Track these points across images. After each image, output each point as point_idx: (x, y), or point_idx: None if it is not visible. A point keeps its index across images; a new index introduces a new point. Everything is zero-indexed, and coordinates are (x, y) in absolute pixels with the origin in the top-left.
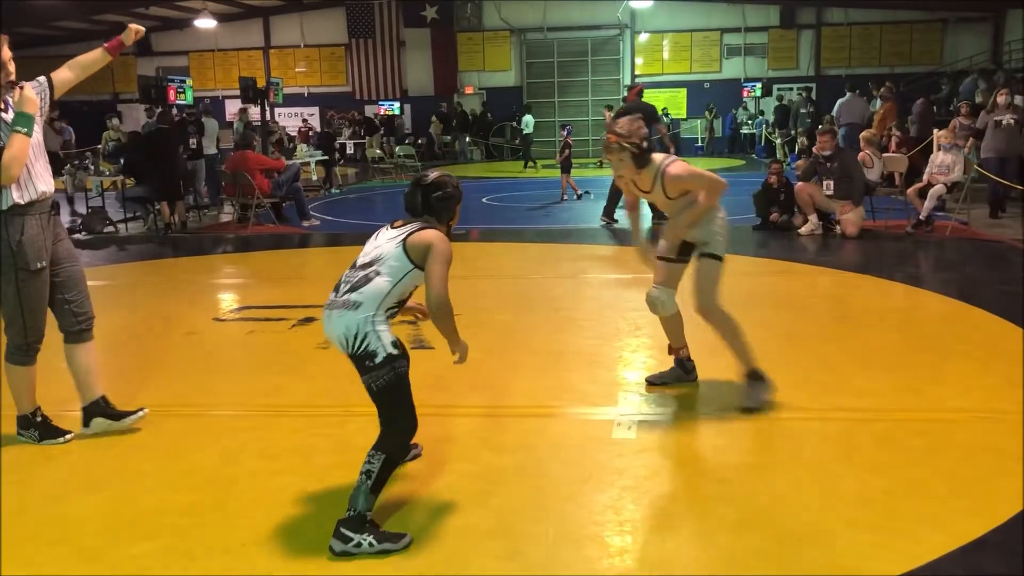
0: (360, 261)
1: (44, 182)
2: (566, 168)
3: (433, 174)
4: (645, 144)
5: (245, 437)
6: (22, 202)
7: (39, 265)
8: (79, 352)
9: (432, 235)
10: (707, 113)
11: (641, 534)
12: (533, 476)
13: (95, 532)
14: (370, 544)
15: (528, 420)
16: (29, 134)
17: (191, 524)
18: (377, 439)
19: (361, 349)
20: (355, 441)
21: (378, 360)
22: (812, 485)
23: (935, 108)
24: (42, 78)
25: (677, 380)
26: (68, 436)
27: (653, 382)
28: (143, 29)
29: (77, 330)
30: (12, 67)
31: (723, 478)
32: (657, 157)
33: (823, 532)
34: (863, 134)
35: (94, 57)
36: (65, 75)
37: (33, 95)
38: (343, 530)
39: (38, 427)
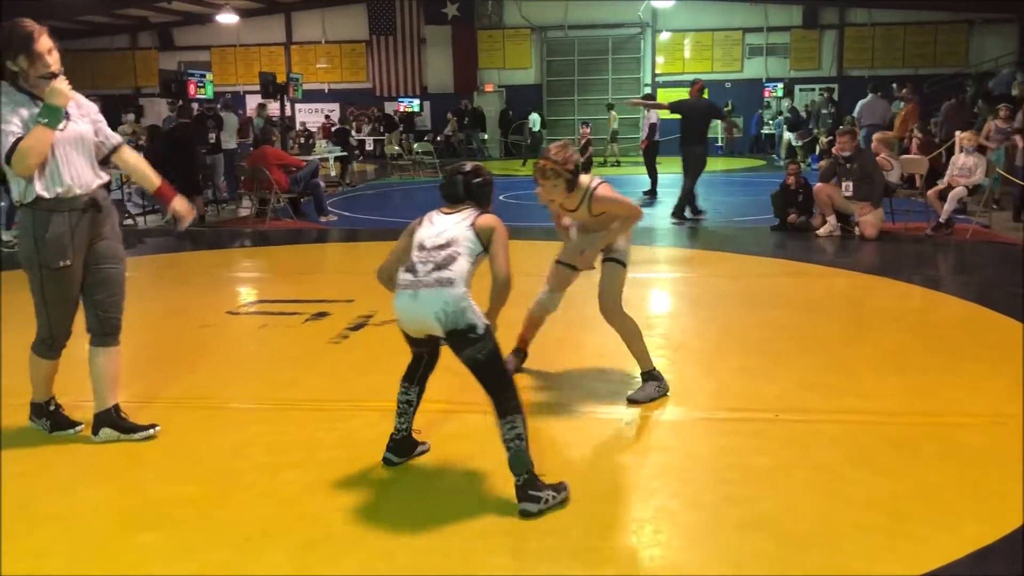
0: (431, 243)
1: (75, 178)
2: (586, 167)
3: (469, 164)
4: (576, 168)
5: (253, 430)
6: (46, 195)
7: (61, 264)
8: (100, 356)
9: (494, 219)
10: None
11: (645, 534)
12: (540, 474)
13: (100, 523)
14: (552, 497)
15: (535, 417)
16: (51, 126)
17: (196, 516)
18: (501, 407)
19: (463, 324)
20: (362, 436)
21: (479, 332)
22: (819, 487)
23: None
24: (117, 138)
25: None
26: (78, 428)
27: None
28: (189, 220)
29: (100, 333)
30: (51, 59)
31: (729, 479)
32: (584, 179)
33: (829, 535)
34: (877, 135)
35: (149, 178)
36: (126, 155)
37: (63, 88)
38: (531, 492)
39: (50, 417)
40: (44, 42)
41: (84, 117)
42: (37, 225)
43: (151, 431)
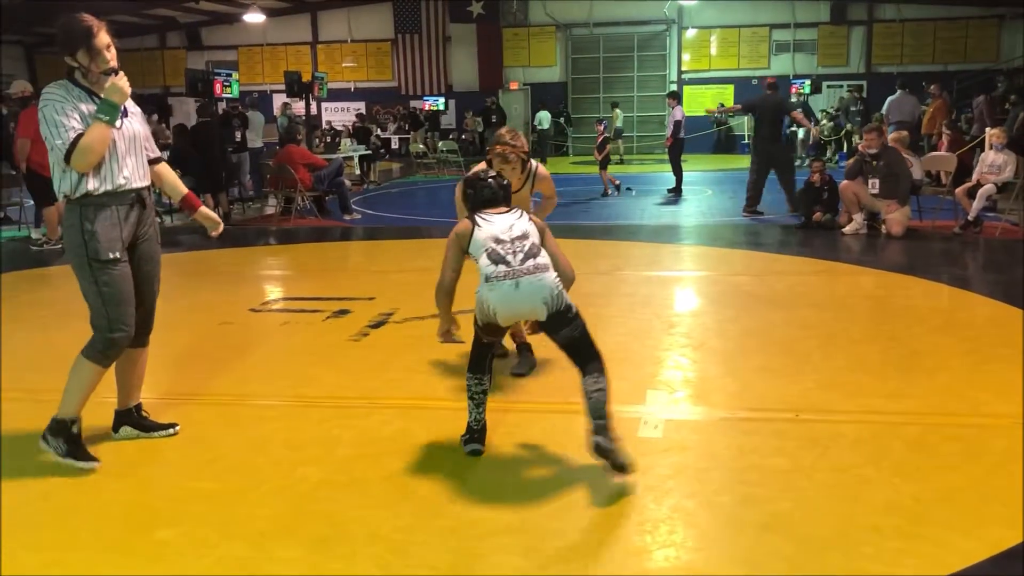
0: (508, 236)
1: (128, 177)
2: (604, 164)
3: (492, 170)
4: (529, 151)
5: (271, 427)
6: (96, 192)
7: (111, 255)
8: (129, 357)
9: (538, 218)
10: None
11: (661, 534)
12: (554, 472)
13: (117, 518)
14: (620, 450)
15: (553, 416)
16: (111, 123)
17: (212, 512)
18: (594, 367)
19: (562, 305)
20: (379, 433)
21: (574, 310)
22: (839, 489)
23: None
24: (157, 152)
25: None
26: (95, 464)
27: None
28: (220, 227)
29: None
30: (109, 55)
31: (747, 480)
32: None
33: (847, 537)
34: (892, 135)
35: (179, 190)
36: (163, 169)
37: (123, 84)
38: (609, 433)
39: (69, 441)
40: (103, 37)
41: (135, 116)
42: (84, 219)
43: (171, 430)
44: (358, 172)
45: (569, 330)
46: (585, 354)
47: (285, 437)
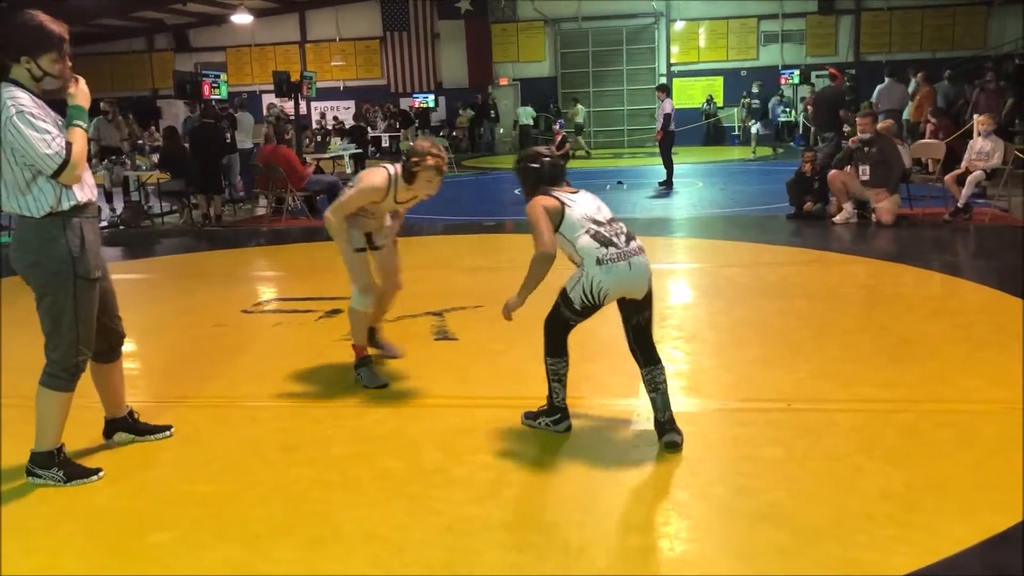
0: (603, 217)
1: (92, 185)
2: (563, 159)
3: (543, 149)
4: None
5: (265, 428)
6: (82, 202)
7: (99, 274)
8: (108, 371)
9: None
10: (743, 101)
11: (655, 526)
12: (549, 467)
13: (113, 522)
14: (680, 436)
15: None
16: (87, 130)
17: (207, 514)
18: (657, 355)
19: (651, 285)
20: (373, 432)
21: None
22: (833, 478)
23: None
24: None
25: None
26: (100, 474)
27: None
28: None
29: (107, 350)
30: (69, 61)
31: (741, 470)
32: None
33: (842, 526)
34: (879, 125)
35: None
36: None
37: (86, 88)
38: (677, 426)
39: (62, 466)
40: (65, 46)
41: None
42: (71, 234)
43: (166, 433)
44: (349, 171)
45: (650, 311)
46: (650, 339)
47: (279, 438)
